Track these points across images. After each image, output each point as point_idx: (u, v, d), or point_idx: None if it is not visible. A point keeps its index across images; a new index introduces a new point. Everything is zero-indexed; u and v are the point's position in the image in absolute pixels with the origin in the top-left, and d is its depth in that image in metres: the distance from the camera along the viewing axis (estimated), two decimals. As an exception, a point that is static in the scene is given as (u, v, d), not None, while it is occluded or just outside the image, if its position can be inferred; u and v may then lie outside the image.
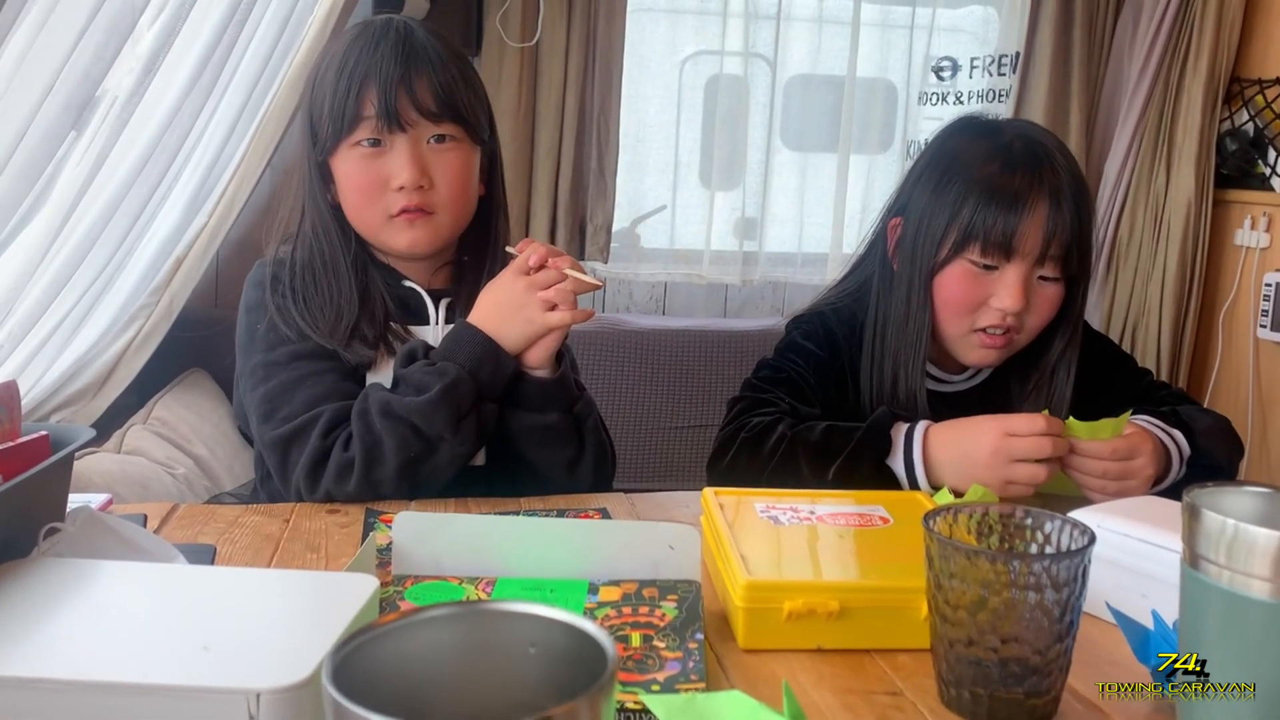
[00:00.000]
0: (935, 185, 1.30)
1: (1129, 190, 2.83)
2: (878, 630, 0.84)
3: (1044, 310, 1.30)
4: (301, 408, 1.18)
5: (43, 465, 0.80)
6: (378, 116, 1.19)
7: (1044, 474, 1.14)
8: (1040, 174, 1.25)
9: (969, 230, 1.26)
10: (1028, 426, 1.16)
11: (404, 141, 1.21)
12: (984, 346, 1.31)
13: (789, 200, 2.91)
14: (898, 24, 2.88)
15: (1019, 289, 1.26)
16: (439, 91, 1.21)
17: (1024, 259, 1.26)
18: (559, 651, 0.52)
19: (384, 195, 1.22)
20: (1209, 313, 2.83)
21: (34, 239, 1.63)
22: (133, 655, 0.63)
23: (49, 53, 1.39)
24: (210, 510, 1.14)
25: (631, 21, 2.66)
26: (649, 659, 0.78)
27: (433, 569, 0.91)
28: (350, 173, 1.23)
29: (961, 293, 1.29)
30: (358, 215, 1.26)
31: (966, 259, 1.27)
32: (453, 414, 1.14)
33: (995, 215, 1.24)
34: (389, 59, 1.19)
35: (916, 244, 1.31)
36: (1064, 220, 1.24)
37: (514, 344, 1.19)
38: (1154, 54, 2.73)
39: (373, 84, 1.19)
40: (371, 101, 1.19)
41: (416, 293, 1.30)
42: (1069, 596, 0.71)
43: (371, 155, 1.22)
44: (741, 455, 1.26)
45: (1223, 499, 0.69)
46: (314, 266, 1.25)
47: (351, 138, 1.21)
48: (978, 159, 1.28)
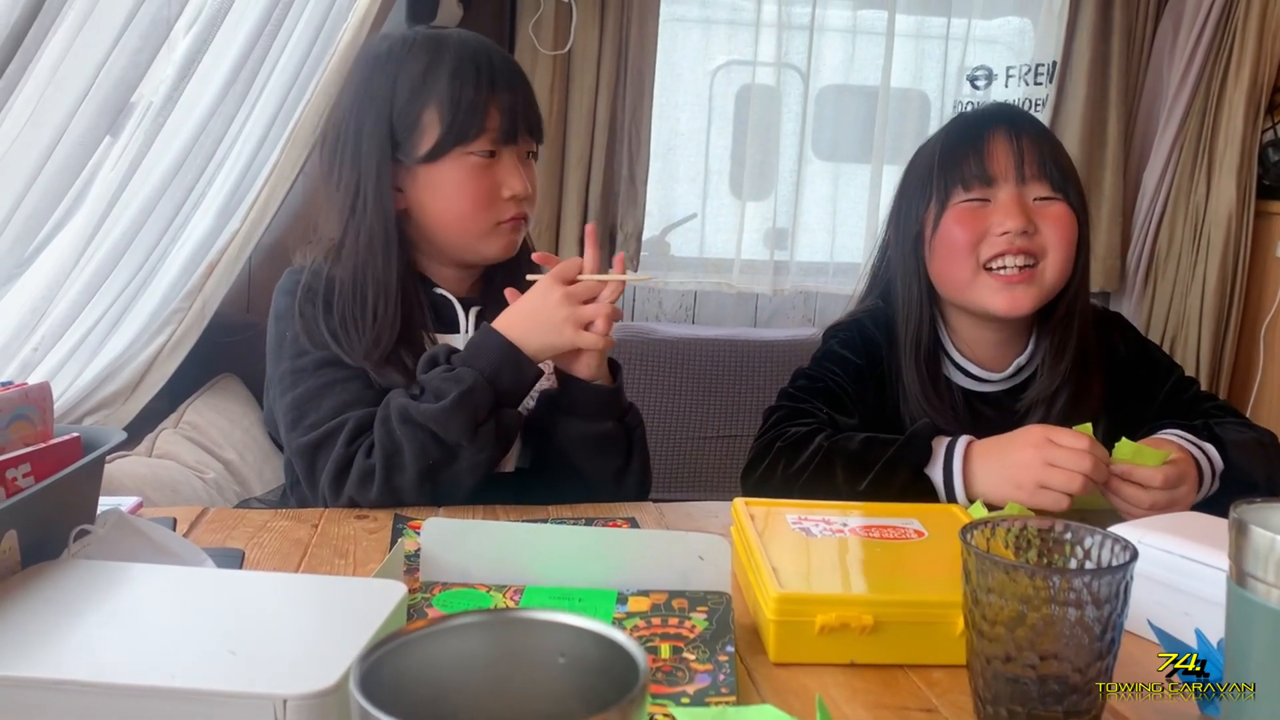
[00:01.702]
0: (907, 172, 1.40)
1: (1168, 201, 2.80)
2: (912, 645, 0.82)
3: (1059, 229, 1.30)
4: (328, 415, 1.19)
5: (74, 467, 0.80)
6: (500, 129, 1.24)
7: (1079, 483, 1.12)
8: (990, 114, 1.36)
9: (945, 178, 1.31)
10: (1071, 439, 1.14)
11: (513, 154, 1.26)
12: (1005, 285, 1.29)
13: (821, 210, 2.89)
14: (932, 34, 2.86)
15: (1014, 206, 1.28)
16: (535, 111, 1.29)
17: (1007, 181, 1.29)
18: (589, 662, 0.51)
19: (495, 204, 1.26)
20: (1250, 326, 2.78)
21: (69, 244, 1.64)
22: (160, 659, 0.63)
23: (85, 58, 1.40)
24: (239, 515, 1.14)
25: (664, 30, 2.66)
26: (679, 671, 0.77)
27: (461, 576, 0.90)
28: (462, 180, 1.25)
29: (959, 235, 1.30)
30: (461, 222, 1.26)
31: (955, 205, 1.31)
32: (469, 421, 1.13)
33: (961, 151, 1.31)
34: (508, 72, 1.25)
35: (902, 223, 1.38)
36: (1028, 138, 1.31)
37: (537, 352, 1.19)
38: (1194, 63, 2.69)
39: (502, 93, 1.24)
40: (496, 114, 1.23)
41: (448, 301, 1.31)
42: (1110, 613, 0.69)
43: (485, 165, 1.25)
44: (777, 464, 1.25)
45: (1271, 515, 0.67)
46: (359, 285, 1.24)
47: (468, 146, 1.23)
48: (940, 133, 1.39)
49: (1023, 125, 1.32)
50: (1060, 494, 1.12)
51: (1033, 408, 1.35)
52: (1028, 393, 1.36)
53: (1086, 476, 1.11)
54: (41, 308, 1.63)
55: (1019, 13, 2.90)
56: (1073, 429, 1.19)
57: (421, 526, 0.92)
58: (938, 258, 1.33)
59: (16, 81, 1.27)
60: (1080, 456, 1.12)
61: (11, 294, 1.59)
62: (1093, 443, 1.14)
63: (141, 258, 1.79)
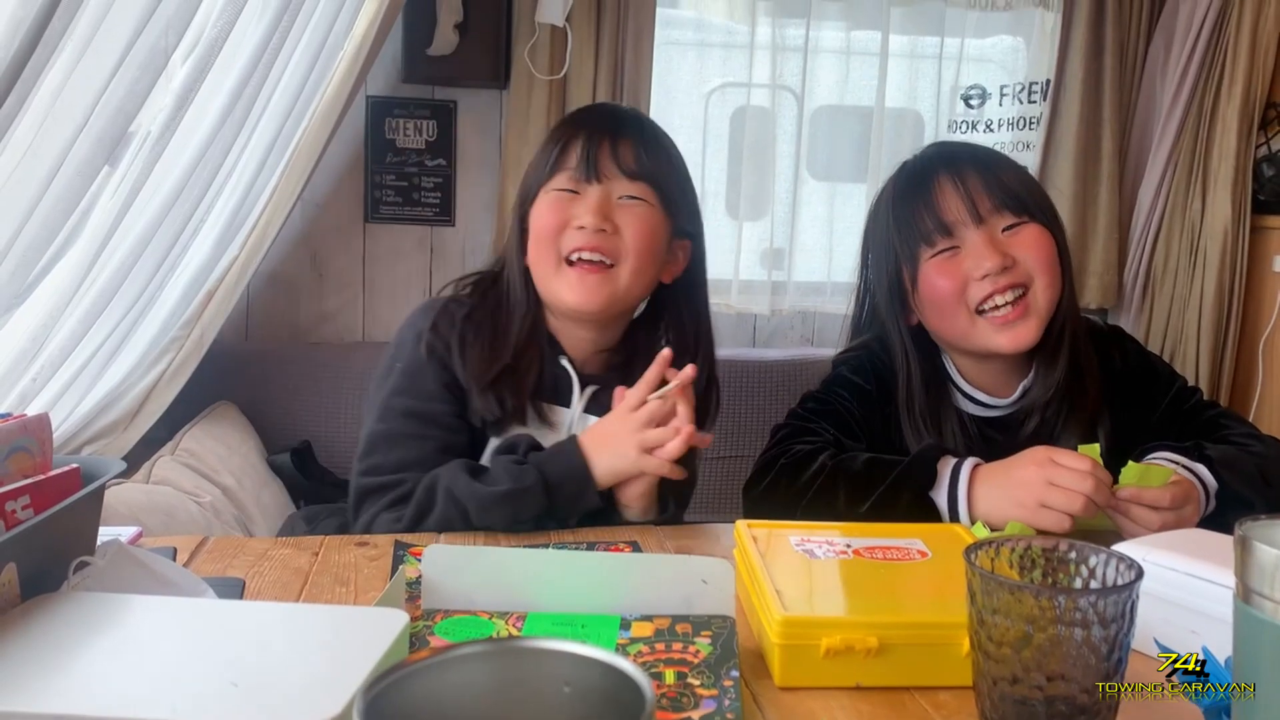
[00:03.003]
0: (867, 234, 1.40)
1: (1164, 217, 2.80)
2: (918, 667, 0.82)
3: (1035, 251, 1.29)
4: (391, 465, 1.22)
5: (73, 498, 0.80)
6: (578, 165, 1.26)
7: (1080, 504, 1.11)
8: (929, 161, 1.34)
9: (908, 242, 1.30)
10: (1075, 461, 1.13)
11: (596, 191, 1.27)
12: (1002, 324, 1.28)
13: (818, 230, 2.89)
14: (926, 54, 2.87)
15: (986, 247, 1.27)
16: (638, 153, 1.28)
17: (966, 225, 1.28)
18: (594, 691, 0.51)
19: (564, 234, 1.26)
20: (1248, 340, 2.78)
21: (67, 273, 1.64)
22: (161, 691, 0.62)
23: (83, 89, 1.41)
24: (239, 543, 1.13)
25: (658, 54, 2.67)
26: (683, 697, 0.76)
27: (463, 603, 0.90)
28: (540, 213, 1.28)
29: (940, 287, 1.29)
30: (536, 257, 1.28)
31: (926, 260, 1.30)
32: (509, 516, 1.15)
33: (911, 208, 1.31)
34: (597, 117, 1.33)
35: (877, 284, 1.38)
36: (971, 175, 1.29)
37: (604, 474, 1.18)
38: (1187, 80, 2.70)
39: (580, 134, 1.27)
40: (575, 152, 1.26)
41: (567, 374, 1.31)
42: (1117, 633, 0.69)
43: (564, 198, 1.27)
44: (780, 481, 1.25)
45: (1276, 532, 0.67)
46: (489, 309, 1.29)
47: (551, 183, 1.27)
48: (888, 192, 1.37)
49: (962, 163, 1.31)
50: (1061, 514, 1.11)
51: (1028, 416, 1.35)
52: (1023, 401, 1.36)
53: (1088, 498, 1.11)
54: (40, 337, 1.63)
55: (1012, 32, 2.92)
56: (1078, 449, 1.18)
57: (422, 553, 0.92)
58: (929, 314, 1.33)
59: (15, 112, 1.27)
60: (1082, 477, 1.11)
61: (10, 324, 1.59)
62: (1095, 464, 1.13)
63: (140, 286, 1.79)
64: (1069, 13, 2.75)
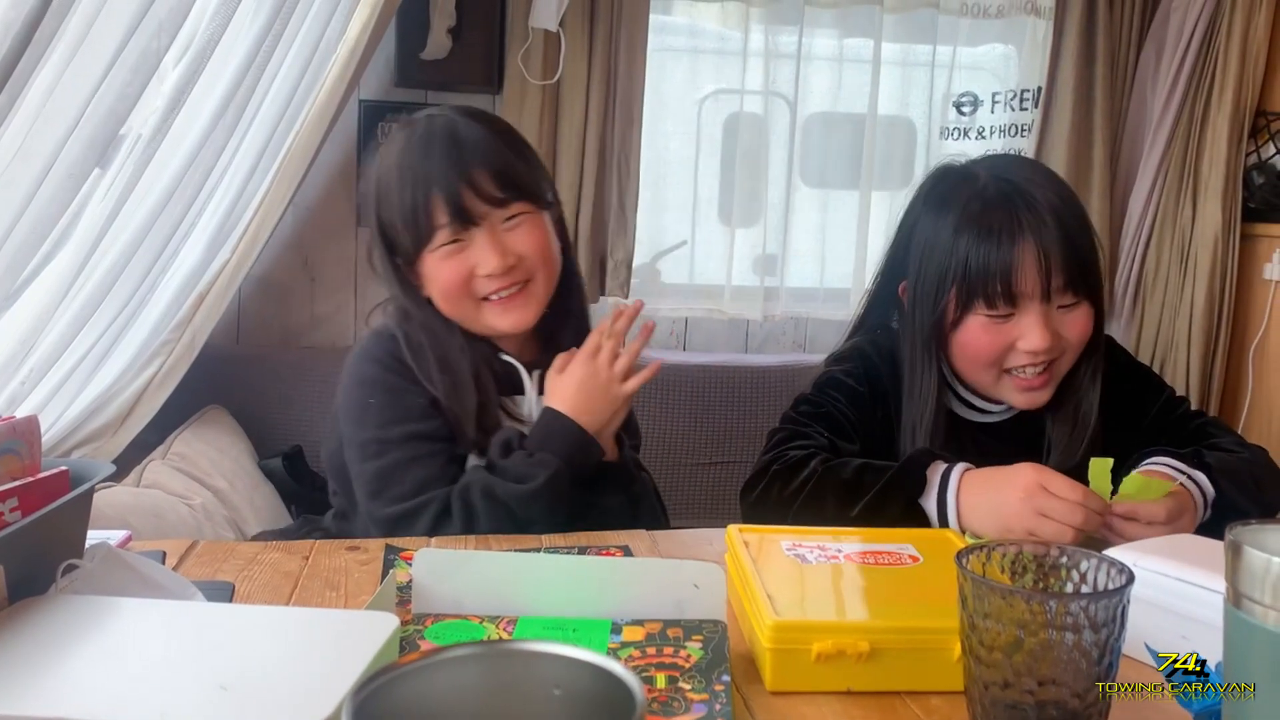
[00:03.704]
0: (921, 255, 1.31)
1: (1154, 225, 2.81)
2: (909, 672, 0.82)
3: (1077, 333, 1.29)
4: (411, 490, 1.22)
5: (61, 501, 0.79)
6: (450, 221, 1.24)
7: (1069, 537, 1.09)
8: (1017, 215, 1.24)
9: (968, 290, 1.26)
10: (1066, 490, 1.11)
11: (481, 233, 1.26)
12: (1026, 389, 1.30)
13: (810, 236, 2.90)
14: (918, 62, 2.88)
15: (1041, 329, 1.25)
16: (500, 178, 1.25)
17: (1032, 299, 1.25)
18: (585, 694, 0.50)
19: (472, 283, 1.27)
20: (1239, 348, 2.79)
21: (57, 276, 1.64)
22: (150, 695, 0.62)
23: (74, 91, 1.41)
24: (229, 547, 1.13)
25: (652, 60, 2.67)
26: (674, 701, 0.76)
27: (453, 607, 0.90)
28: (437, 274, 1.27)
29: (983, 345, 1.28)
30: (452, 309, 1.29)
31: (977, 315, 1.27)
32: (551, 503, 1.20)
33: (987, 271, 1.24)
34: (444, 163, 1.24)
35: (916, 314, 1.32)
36: (1056, 251, 1.23)
37: (601, 426, 1.26)
38: (1178, 88, 2.72)
39: (437, 191, 1.23)
40: (441, 209, 1.23)
41: (513, 366, 1.33)
42: (1108, 637, 0.69)
43: (454, 252, 1.26)
44: (773, 487, 1.25)
45: (1267, 536, 0.67)
46: (431, 355, 1.29)
47: (431, 245, 1.26)
48: (957, 218, 1.27)
49: (1046, 228, 1.23)
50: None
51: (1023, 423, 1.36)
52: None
53: (1077, 531, 1.09)
54: (30, 340, 1.63)
55: (1003, 40, 2.92)
56: (1091, 463, 1.17)
57: (413, 558, 0.92)
58: (958, 356, 1.32)
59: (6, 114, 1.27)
60: (1072, 510, 1.10)
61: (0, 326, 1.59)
62: (1086, 494, 1.11)
63: (131, 289, 1.79)
64: (1060, 21, 2.76)
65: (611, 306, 2.84)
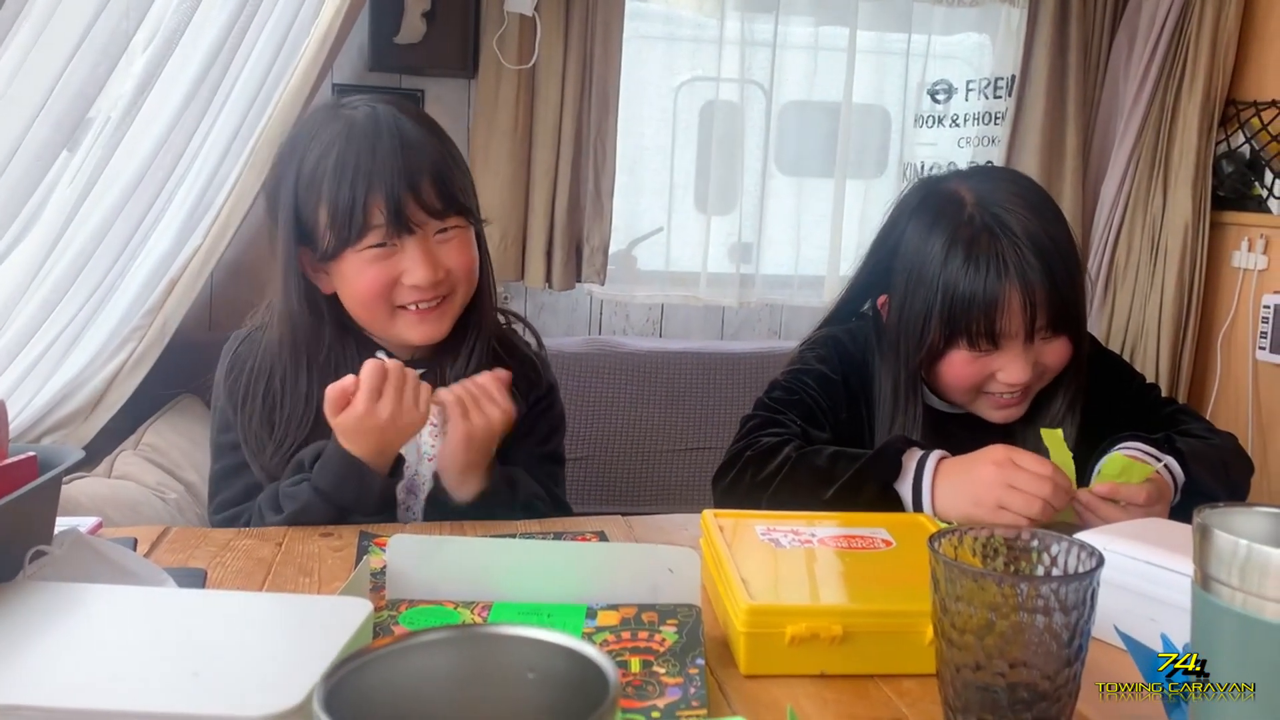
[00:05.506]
0: (906, 283, 1.29)
1: (1126, 212, 2.84)
2: (882, 655, 0.82)
3: (1057, 360, 1.30)
4: (239, 496, 1.24)
5: (29, 486, 0.78)
6: (387, 224, 1.17)
7: (1037, 508, 1.11)
8: (1003, 257, 1.22)
9: (951, 327, 1.25)
10: (1035, 465, 1.13)
11: (414, 242, 1.19)
12: (1002, 408, 1.31)
13: (785, 224, 2.91)
14: (893, 50, 2.89)
15: (1022, 363, 1.26)
16: (442, 189, 1.20)
17: (1015, 339, 1.25)
18: (559, 677, 0.50)
19: (394, 291, 1.20)
20: (1207, 335, 2.82)
21: (25, 259, 1.62)
22: (120, 682, 0.61)
23: (41, 72, 1.39)
24: (202, 534, 1.12)
25: (628, 46, 2.66)
26: (649, 685, 0.76)
27: (428, 593, 0.89)
28: (358, 275, 1.20)
29: (964, 376, 1.29)
30: (364, 313, 1.23)
31: (960, 349, 1.27)
32: (308, 522, 1.15)
33: (970, 314, 1.23)
34: (389, 163, 1.17)
35: (901, 344, 1.31)
36: (1041, 293, 1.22)
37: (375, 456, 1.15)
38: (1149, 77, 2.74)
39: (379, 191, 1.16)
40: (379, 209, 1.17)
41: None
42: (1078, 620, 0.69)
43: (382, 256, 1.19)
44: (745, 472, 1.25)
45: (1234, 519, 0.68)
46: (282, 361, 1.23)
47: (360, 244, 1.18)
48: (944, 252, 1.25)
49: (1035, 280, 1.22)
50: (1018, 516, 1.11)
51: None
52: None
53: (1045, 501, 1.11)
54: (-3, 325, 1.61)
55: (978, 29, 2.94)
56: (1041, 432, 1.20)
57: (387, 543, 0.91)
58: (937, 380, 1.32)
59: (-30, 96, 1.25)
60: (1040, 481, 1.11)
61: (-34, 312, 1.57)
62: (1055, 469, 1.13)
63: (100, 274, 1.77)
64: (1034, 9, 2.78)
65: (587, 294, 2.86)
